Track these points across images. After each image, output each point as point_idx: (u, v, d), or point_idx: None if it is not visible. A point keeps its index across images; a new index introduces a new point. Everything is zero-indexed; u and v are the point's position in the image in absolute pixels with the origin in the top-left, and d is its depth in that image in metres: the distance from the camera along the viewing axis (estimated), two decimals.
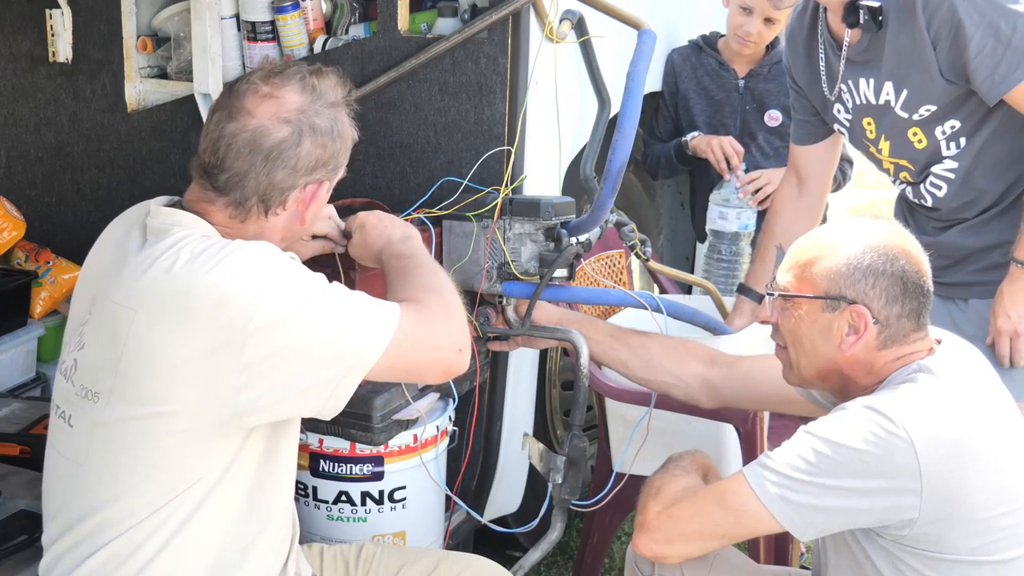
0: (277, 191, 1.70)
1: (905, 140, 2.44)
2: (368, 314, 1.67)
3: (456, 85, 2.48)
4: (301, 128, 1.69)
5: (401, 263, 1.90)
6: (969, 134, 2.38)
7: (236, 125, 1.69)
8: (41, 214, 3.13)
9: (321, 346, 1.61)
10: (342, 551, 2.06)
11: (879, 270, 1.76)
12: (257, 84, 1.71)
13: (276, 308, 1.58)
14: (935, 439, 1.67)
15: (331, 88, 1.75)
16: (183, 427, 1.61)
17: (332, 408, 1.66)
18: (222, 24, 2.75)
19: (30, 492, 2.21)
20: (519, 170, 2.46)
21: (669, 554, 1.87)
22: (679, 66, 3.42)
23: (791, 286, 1.83)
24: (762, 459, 1.77)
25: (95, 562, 1.65)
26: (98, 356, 1.66)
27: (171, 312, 1.59)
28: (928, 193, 2.49)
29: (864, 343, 1.78)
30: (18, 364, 2.93)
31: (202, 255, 1.61)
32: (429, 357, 1.73)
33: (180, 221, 1.69)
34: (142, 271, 1.63)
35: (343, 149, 1.76)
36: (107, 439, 1.64)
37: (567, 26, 2.51)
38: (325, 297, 1.64)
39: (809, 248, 1.85)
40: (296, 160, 1.69)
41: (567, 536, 3.17)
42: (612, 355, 2.27)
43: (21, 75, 3.11)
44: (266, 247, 1.66)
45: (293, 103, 1.70)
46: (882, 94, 2.41)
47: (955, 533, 1.70)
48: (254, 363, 1.58)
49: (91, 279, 1.77)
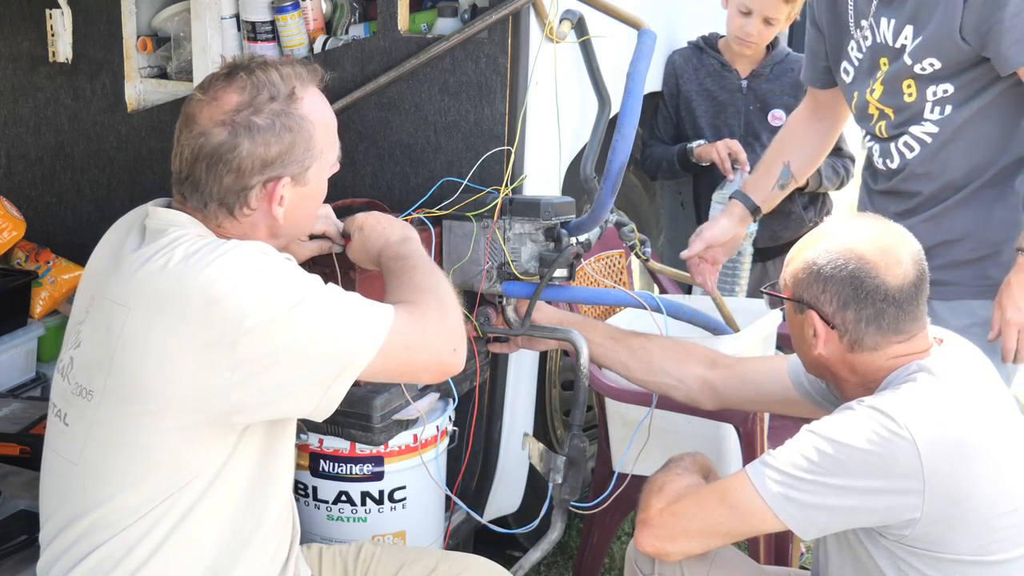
0: (231, 194, 1.69)
1: (898, 89, 2.39)
2: (361, 315, 1.66)
3: (456, 85, 2.48)
4: (237, 130, 1.67)
5: (398, 265, 1.89)
6: (957, 104, 2.33)
7: (185, 133, 1.70)
8: (41, 214, 3.13)
9: (313, 347, 1.61)
10: (341, 551, 2.06)
11: (828, 275, 1.78)
12: (201, 89, 1.71)
13: (269, 308, 1.58)
14: (938, 439, 1.67)
15: (277, 81, 1.70)
16: (175, 425, 1.61)
17: (324, 409, 1.66)
18: (222, 24, 2.75)
19: (30, 492, 2.21)
20: (519, 170, 2.46)
21: (671, 551, 1.87)
22: (680, 67, 3.42)
23: (781, 285, 1.87)
24: (765, 457, 1.78)
25: (90, 563, 1.65)
26: (93, 354, 1.66)
27: (164, 310, 1.59)
28: (898, 152, 2.44)
29: (829, 345, 1.80)
30: (18, 364, 2.93)
31: (196, 254, 1.61)
32: (423, 358, 1.72)
33: (175, 221, 1.69)
34: (136, 269, 1.63)
35: (298, 143, 1.70)
36: (101, 437, 1.64)
37: (567, 26, 2.51)
38: (318, 298, 1.63)
39: (795, 248, 1.88)
40: (237, 162, 1.67)
41: (567, 536, 3.17)
42: (612, 357, 2.28)
43: (21, 75, 3.11)
44: (261, 247, 1.66)
45: (229, 104, 1.68)
46: (900, 37, 2.35)
47: (957, 533, 1.70)
48: (246, 362, 1.58)
49: (90, 279, 1.78)
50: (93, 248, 1.92)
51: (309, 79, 1.75)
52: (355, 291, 1.92)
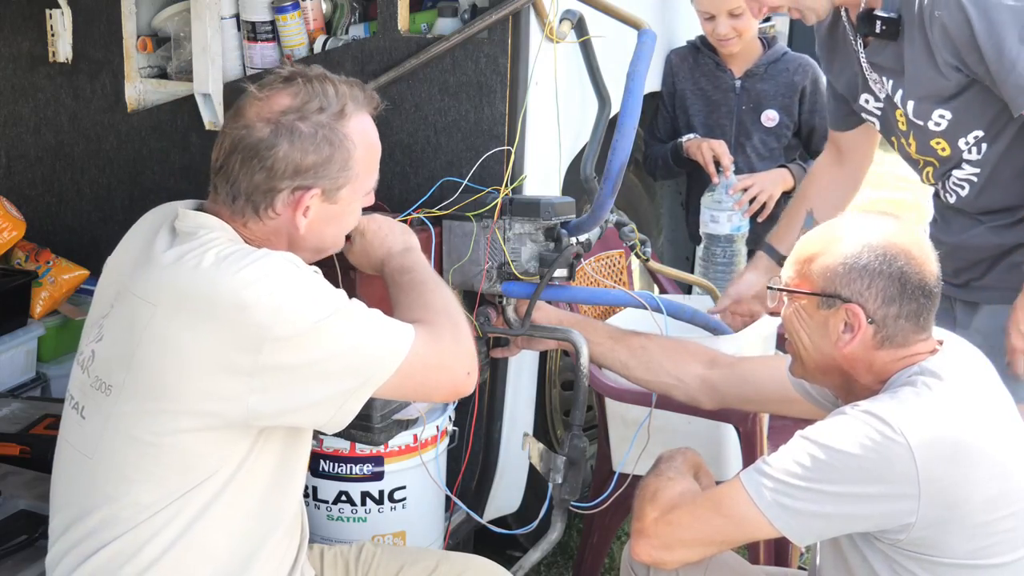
0: (259, 192, 1.70)
1: (930, 148, 2.42)
2: (384, 334, 1.68)
3: (456, 85, 2.48)
4: (279, 130, 1.68)
5: (404, 278, 1.90)
6: (991, 141, 2.34)
7: (230, 124, 1.72)
8: (41, 214, 3.13)
9: (336, 362, 1.63)
10: (342, 552, 2.06)
11: (876, 270, 1.75)
12: (258, 87, 1.72)
13: (297, 320, 1.59)
14: (933, 444, 1.66)
15: (331, 95, 1.72)
16: (191, 425, 1.61)
17: (337, 423, 1.68)
18: (222, 24, 2.75)
19: (30, 492, 2.21)
20: (519, 170, 2.46)
21: (668, 560, 1.86)
22: (677, 67, 3.42)
23: (792, 281, 1.84)
24: (759, 465, 1.77)
25: (100, 559, 1.65)
26: (114, 349, 1.67)
27: (191, 311, 1.60)
28: (952, 192, 2.48)
29: (860, 342, 1.78)
30: (18, 364, 2.93)
31: (228, 258, 1.62)
32: (438, 378, 1.75)
33: (205, 224, 1.70)
34: (166, 267, 1.64)
35: (335, 159, 1.71)
36: (117, 432, 1.65)
37: (567, 26, 2.51)
38: (344, 313, 1.65)
39: (811, 244, 1.84)
40: (272, 162, 1.68)
41: (567, 536, 3.17)
42: (612, 357, 2.27)
43: (21, 75, 3.11)
44: (291, 258, 1.67)
45: (279, 105, 1.70)
46: (896, 99, 2.39)
47: (953, 537, 1.69)
48: (267, 370, 1.59)
49: (115, 274, 1.77)
50: (93, 248, 1.92)
51: (364, 103, 1.76)
52: (355, 292, 1.92)
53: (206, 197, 1.79)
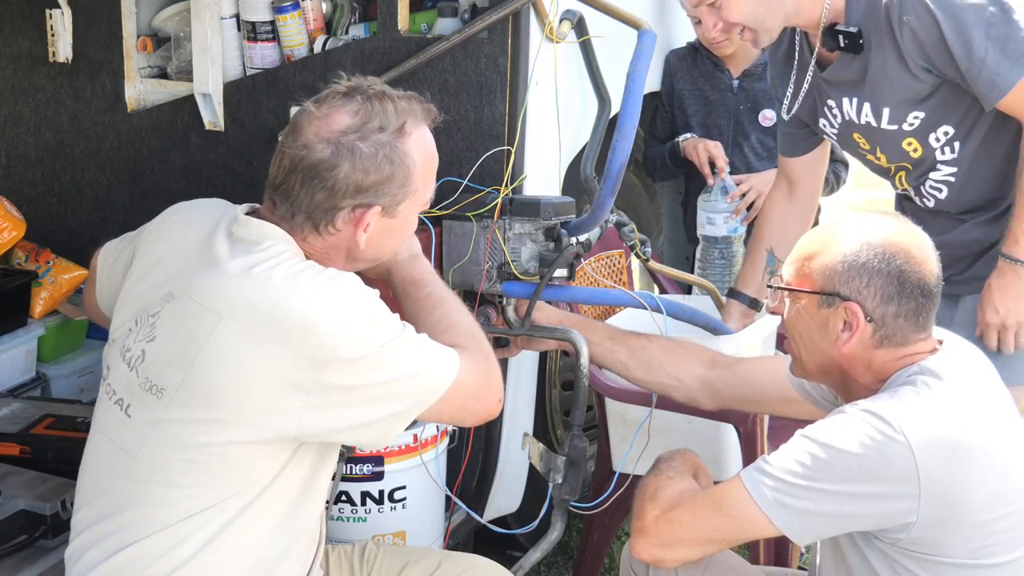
0: (320, 211, 1.70)
1: (901, 150, 2.44)
2: (435, 359, 1.70)
3: (456, 85, 2.48)
4: (340, 151, 1.67)
5: (420, 292, 1.90)
6: (963, 138, 2.38)
7: (289, 142, 1.71)
8: (41, 214, 3.13)
9: (392, 386, 1.65)
10: (345, 552, 2.06)
11: (875, 269, 1.75)
12: (316, 103, 1.71)
13: (362, 344, 1.61)
14: (933, 443, 1.66)
15: (391, 113, 1.71)
16: (240, 438, 1.62)
17: (380, 442, 1.72)
18: (222, 24, 2.75)
19: (30, 492, 2.21)
20: (519, 170, 2.46)
21: (668, 558, 1.87)
22: (675, 67, 3.42)
23: (792, 280, 1.84)
24: (759, 464, 1.77)
25: (126, 556, 1.65)
26: (170, 353, 1.66)
27: (258, 326, 1.60)
28: (929, 195, 2.49)
29: (859, 340, 1.78)
30: (18, 364, 2.93)
31: (299, 275, 1.63)
32: (475, 406, 1.77)
33: (269, 234, 1.70)
34: (233, 279, 1.64)
35: (396, 177, 1.71)
36: (163, 436, 1.65)
37: (567, 26, 2.51)
38: (403, 339, 1.67)
39: (810, 243, 1.84)
40: (333, 182, 1.68)
41: (567, 536, 3.17)
42: (612, 357, 2.27)
43: (21, 75, 3.11)
44: (357, 280, 1.68)
45: (339, 125, 1.69)
46: (863, 115, 2.42)
47: (953, 536, 1.69)
48: (325, 390, 1.60)
49: (167, 271, 1.74)
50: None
51: (422, 117, 1.76)
52: None
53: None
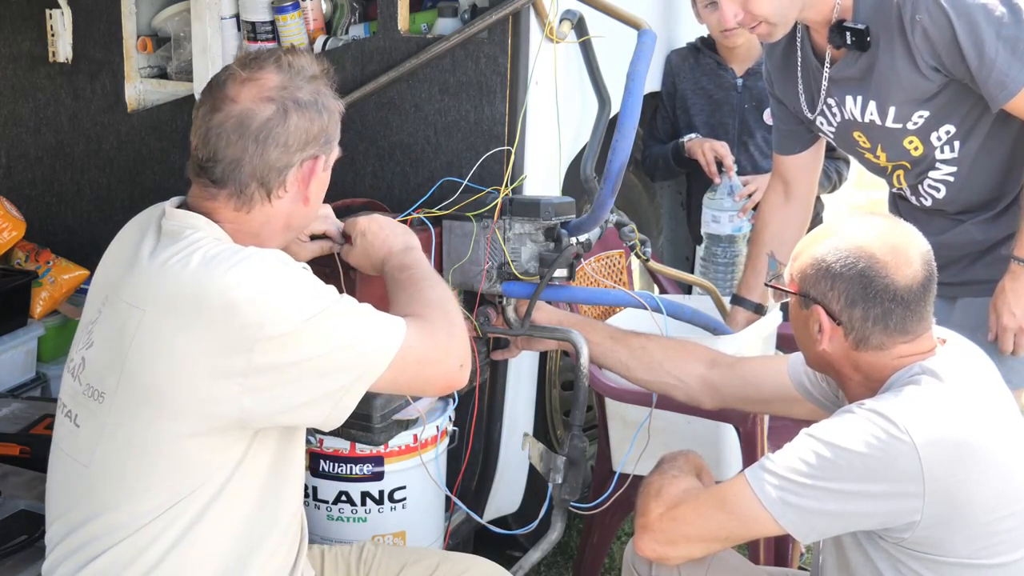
0: (274, 171, 1.69)
1: (902, 148, 2.44)
2: (375, 328, 1.67)
3: (456, 85, 2.48)
4: (285, 104, 1.69)
5: (403, 275, 1.90)
6: (963, 137, 2.38)
7: (222, 114, 1.69)
8: (41, 214, 3.13)
9: (327, 359, 1.62)
10: (342, 552, 2.06)
11: (837, 272, 1.76)
12: (235, 71, 1.71)
13: (287, 318, 1.59)
14: (938, 442, 1.67)
15: (308, 64, 1.74)
16: (186, 430, 1.60)
17: (335, 420, 1.67)
18: (222, 24, 2.75)
19: (30, 492, 2.21)
20: (519, 170, 2.46)
21: (672, 555, 1.87)
22: (677, 67, 3.42)
23: (786, 279, 1.86)
24: (764, 462, 1.77)
25: (99, 565, 1.64)
26: (105, 356, 1.66)
27: (180, 314, 1.59)
28: (927, 194, 2.49)
29: (834, 342, 1.79)
30: (18, 364, 2.93)
31: (215, 259, 1.61)
32: (432, 372, 1.74)
33: (192, 224, 1.69)
34: (153, 272, 1.63)
35: (332, 122, 1.75)
36: (112, 440, 1.64)
37: (567, 26, 2.51)
38: (334, 310, 1.64)
39: (799, 244, 1.87)
40: (286, 136, 1.68)
41: (567, 536, 3.17)
42: (612, 357, 2.27)
43: (21, 75, 3.11)
44: (280, 256, 1.66)
45: (273, 82, 1.70)
46: (867, 113, 2.41)
47: (956, 536, 1.69)
48: (260, 370, 1.58)
49: (104, 278, 1.77)
50: (93, 248, 1.91)
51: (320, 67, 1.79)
52: (355, 291, 1.91)
53: None
